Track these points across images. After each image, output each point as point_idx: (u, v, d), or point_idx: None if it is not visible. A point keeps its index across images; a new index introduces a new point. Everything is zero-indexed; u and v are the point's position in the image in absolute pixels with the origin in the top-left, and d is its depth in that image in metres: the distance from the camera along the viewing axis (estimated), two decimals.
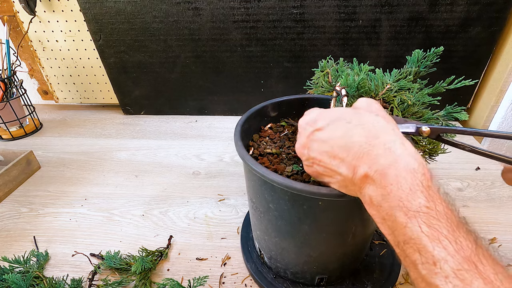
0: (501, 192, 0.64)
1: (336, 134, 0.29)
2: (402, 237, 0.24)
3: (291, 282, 0.46)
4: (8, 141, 0.91)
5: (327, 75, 0.42)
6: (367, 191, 0.27)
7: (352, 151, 0.27)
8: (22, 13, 0.88)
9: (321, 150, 0.30)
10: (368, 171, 0.26)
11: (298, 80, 0.89)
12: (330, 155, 0.29)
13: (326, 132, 0.30)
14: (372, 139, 0.27)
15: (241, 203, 0.63)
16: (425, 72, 0.40)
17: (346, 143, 0.28)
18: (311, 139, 0.31)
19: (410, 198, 0.24)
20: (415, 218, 0.23)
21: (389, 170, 0.25)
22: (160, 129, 0.94)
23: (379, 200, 0.26)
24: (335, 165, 0.29)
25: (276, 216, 0.38)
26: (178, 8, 0.80)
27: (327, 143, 0.29)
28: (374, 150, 0.27)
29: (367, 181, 0.27)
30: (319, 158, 0.30)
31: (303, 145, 0.32)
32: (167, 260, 0.52)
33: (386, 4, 0.74)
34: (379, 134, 0.27)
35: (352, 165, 0.27)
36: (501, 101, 0.81)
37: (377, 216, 0.26)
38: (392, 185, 0.25)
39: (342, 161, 0.28)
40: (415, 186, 0.24)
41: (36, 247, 0.55)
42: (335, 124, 0.29)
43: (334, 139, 0.29)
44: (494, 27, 0.75)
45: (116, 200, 0.65)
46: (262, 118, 0.47)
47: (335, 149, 0.28)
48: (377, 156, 0.26)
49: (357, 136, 0.28)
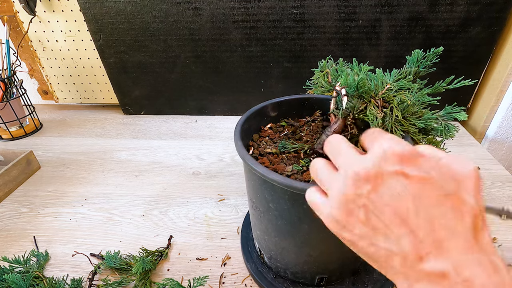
0: (501, 192, 0.64)
1: (426, 199, 0.20)
2: None
3: (291, 282, 0.46)
4: (8, 141, 0.91)
5: (327, 75, 0.42)
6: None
7: (436, 234, 0.19)
8: (22, 13, 0.88)
9: (391, 201, 0.21)
10: (451, 272, 0.18)
11: (298, 80, 0.89)
12: (400, 215, 0.20)
13: (413, 186, 0.20)
14: (476, 231, 0.20)
15: (241, 203, 0.63)
16: (425, 72, 0.40)
17: (432, 220, 0.20)
18: (387, 181, 0.21)
19: None
20: None
21: (476, 280, 0.18)
22: (160, 129, 0.94)
23: None
24: (396, 229, 0.20)
25: (276, 215, 0.38)
26: (178, 8, 0.80)
27: (405, 200, 0.20)
28: (459, 244, 0.19)
29: (438, 280, 0.19)
30: (379, 209, 0.21)
31: (367, 177, 0.22)
32: (167, 260, 0.52)
33: (386, 4, 0.74)
34: (482, 232, 0.20)
35: (424, 248, 0.20)
36: (501, 101, 0.81)
37: None
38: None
39: (412, 233, 0.20)
40: None
41: (36, 247, 0.55)
42: (431, 185, 0.20)
43: (419, 203, 0.20)
44: (494, 27, 0.75)
45: (116, 200, 0.65)
46: (262, 118, 0.47)
47: (412, 214, 0.20)
48: (475, 263, 0.19)
49: (454, 220, 0.20)
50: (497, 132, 0.84)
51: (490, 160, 0.73)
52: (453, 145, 0.78)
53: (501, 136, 0.84)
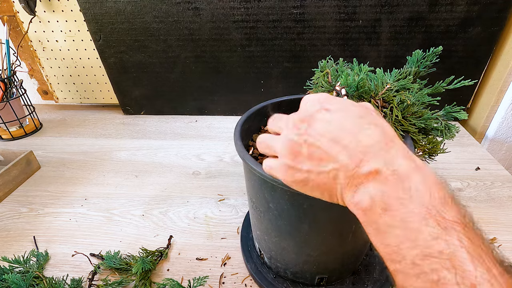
0: (501, 192, 0.64)
1: (346, 121, 0.26)
2: (420, 249, 0.20)
3: (291, 282, 0.46)
4: (8, 141, 0.91)
5: (327, 75, 0.42)
6: (369, 190, 0.23)
7: (361, 143, 0.24)
8: (22, 13, 0.88)
9: (324, 131, 0.26)
10: (382, 168, 0.23)
11: (298, 80, 0.89)
12: (332, 139, 0.25)
13: (335, 115, 0.26)
14: (389, 140, 0.25)
15: (241, 203, 0.63)
16: (425, 72, 0.40)
17: (356, 134, 0.25)
18: (315, 117, 0.27)
19: (443, 208, 0.21)
20: (453, 230, 0.20)
21: (414, 175, 0.22)
22: (160, 129, 0.94)
23: (390, 204, 0.22)
24: (333, 150, 0.25)
25: (276, 215, 0.38)
26: (178, 8, 0.80)
27: (332, 125, 0.26)
28: (391, 151, 0.24)
29: (375, 179, 0.23)
30: (316, 137, 0.26)
31: (302, 119, 0.27)
32: (167, 260, 0.52)
33: (386, 4, 0.74)
34: (396, 140, 0.25)
35: (357, 156, 0.24)
36: (501, 101, 0.81)
37: (377, 222, 0.23)
38: (419, 191, 0.22)
39: (345, 148, 0.24)
40: (447, 198, 0.21)
41: (36, 247, 0.55)
42: (347, 112, 0.26)
43: (342, 125, 0.25)
44: (494, 27, 0.75)
45: (116, 200, 0.65)
46: (262, 118, 0.47)
47: (341, 134, 0.25)
48: (396, 157, 0.23)
49: (371, 132, 0.25)
50: (497, 132, 0.84)
51: (490, 160, 0.73)
52: (453, 145, 0.78)
53: (501, 136, 0.84)
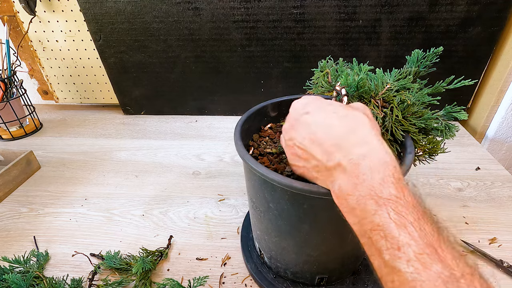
0: (501, 192, 0.64)
1: (321, 120, 0.30)
2: (370, 225, 0.25)
3: (291, 282, 0.46)
4: (8, 141, 0.91)
5: (326, 75, 0.42)
6: (338, 180, 0.28)
7: (330, 139, 0.29)
8: (22, 13, 0.88)
9: (305, 133, 0.31)
10: (342, 160, 0.28)
11: (298, 80, 0.89)
12: (311, 139, 0.30)
13: (312, 117, 0.31)
14: (351, 131, 0.29)
15: (241, 203, 0.63)
16: (425, 72, 0.40)
17: (327, 131, 0.29)
18: (299, 121, 0.32)
19: (381, 188, 0.25)
20: (384, 206, 0.24)
21: (363, 161, 0.27)
22: (160, 129, 0.94)
23: (349, 189, 0.27)
24: (313, 149, 0.30)
25: (276, 215, 0.38)
26: (178, 8, 0.80)
27: (311, 127, 0.30)
28: (351, 141, 0.28)
29: (339, 170, 0.28)
30: (300, 140, 0.31)
31: (291, 125, 0.33)
32: (167, 260, 0.52)
33: (386, 4, 0.74)
34: (359, 128, 0.29)
35: (328, 151, 0.29)
36: (501, 101, 0.81)
37: (345, 205, 0.27)
38: (365, 175, 0.26)
39: (320, 146, 0.29)
40: (386, 177, 0.26)
41: (36, 247, 0.55)
42: (322, 112, 0.31)
43: (318, 125, 0.30)
44: (494, 27, 0.75)
45: (116, 200, 0.65)
46: (262, 118, 0.47)
47: (317, 134, 0.30)
48: (353, 147, 0.28)
49: (338, 126, 0.29)
50: (497, 132, 0.84)
51: (490, 160, 0.73)
52: (453, 145, 0.78)
53: (501, 136, 0.84)
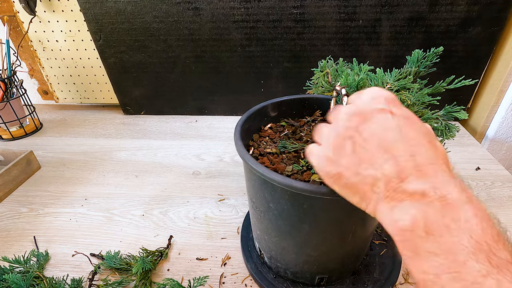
0: (501, 192, 0.64)
1: (409, 132, 0.24)
2: (465, 284, 0.19)
3: (291, 282, 0.46)
4: (8, 141, 0.91)
5: (327, 75, 0.42)
6: (412, 210, 0.22)
7: (414, 160, 0.23)
8: (22, 13, 0.88)
9: (377, 133, 0.24)
10: (429, 191, 0.21)
11: (298, 80, 0.89)
12: (384, 144, 0.24)
13: (398, 121, 0.24)
14: (443, 163, 0.23)
15: (241, 203, 0.63)
16: (425, 72, 0.40)
17: (412, 148, 0.23)
18: (375, 115, 0.25)
19: (496, 246, 0.20)
20: (506, 270, 0.19)
21: (464, 205, 0.21)
22: (160, 129, 0.94)
23: (433, 229, 0.21)
24: (380, 156, 0.23)
25: (276, 215, 0.38)
26: (178, 8, 0.80)
27: (390, 131, 0.24)
28: (444, 175, 0.22)
29: (419, 200, 0.22)
30: (365, 137, 0.24)
31: (357, 113, 0.25)
32: (167, 260, 0.52)
33: (386, 4, 0.74)
34: (449, 165, 0.24)
35: (405, 171, 0.22)
36: (501, 101, 0.81)
37: (416, 245, 0.21)
38: (469, 223, 0.20)
39: (394, 158, 0.23)
40: (499, 236, 0.20)
41: (36, 247, 0.55)
42: (412, 123, 0.25)
43: (402, 134, 0.24)
44: (494, 27, 0.75)
45: (116, 200, 0.65)
46: (262, 118, 0.47)
47: (396, 142, 0.23)
48: (447, 184, 0.22)
49: (427, 150, 0.23)
50: (497, 132, 0.84)
51: (490, 160, 0.73)
52: (453, 145, 0.78)
53: (501, 136, 0.84)
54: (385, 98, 0.26)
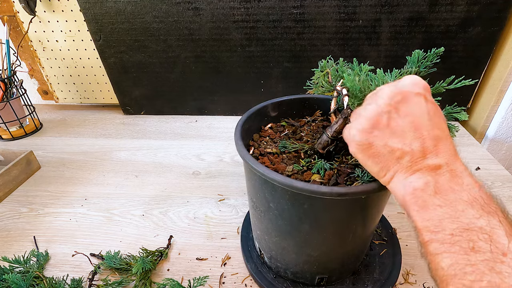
0: (501, 192, 0.64)
1: (435, 116, 0.28)
2: (461, 225, 0.24)
3: (291, 282, 0.46)
4: (8, 141, 0.91)
5: (327, 75, 0.42)
6: (427, 177, 0.27)
7: (435, 139, 0.27)
8: (22, 13, 0.88)
9: (411, 113, 0.28)
10: (443, 164, 0.27)
11: (298, 80, 0.89)
12: (415, 124, 0.28)
13: (429, 106, 0.28)
14: (451, 143, 0.28)
15: (241, 203, 0.63)
16: (425, 72, 0.40)
17: (434, 129, 0.28)
18: (412, 98, 0.28)
19: (489, 201, 0.25)
20: (495, 214, 0.24)
21: (466, 176, 0.27)
22: (160, 129, 0.94)
23: (442, 189, 0.26)
24: (411, 134, 0.28)
25: (277, 215, 0.38)
26: (178, 8, 0.80)
27: (422, 113, 0.28)
28: (452, 152, 0.28)
29: (434, 170, 0.27)
30: (401, 115, 0.28)
31: (399, 92, 0.28)
32: (167, 260, 0.52)
33: (386, 4, 0.74)
34: (454, 144, 0.29)
35: (428, 148, 0.27)
36: (501, 101, 0.81)
37: (425, 200, 0.26)
38: (469, 185, 0.26)
39: (421, 137, 0.27)
40: (490, 195, 0.26)
41: (36, 247, 0.55)
42: (437, 109, 0.29)
43: (430, 117, 0.28)
44: (494, 27, 0.75)
45: (116, 200, 0.65)
46: (262, 118, 0.47)
47: (425, 123, 0.28)
48: (455, 160, 0.27)
49: (444, 132, 0.28)
50: (497, 132, 0.84)
51: (490, 160, 0.73)
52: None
53: (501, 136, 0.84)
54: (423, 85, 0.29)
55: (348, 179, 0.36)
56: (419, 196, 0.27)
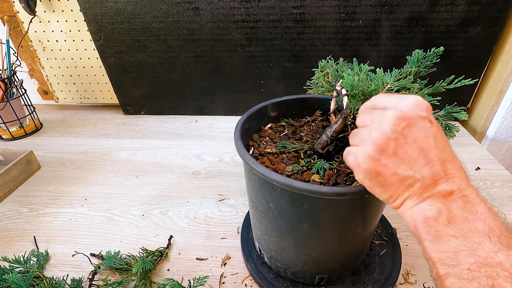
0: (501, 192, 0.64)
1: (441, 141, 0.27)
2: (478, 259, 0.23)
3: (291, 282, 0.46)
4: (8, 141, 0.91)
5: (327, 75, 0.42)
6: (439, 204, 0.26)
7: (445, 165, 0.27)
8: (22, 13, 0.88)
9: (418, 138, 0.27)
10: (455, 190, 0.26)
11: (298, 80, 0.89)
12: (423, 149, 0.27)
13: (434, 130, 0.27)
14: (462, 169, 0.28)
15: (241, 203, 0.63)
16: (425, 72, 0.40)
17: (442, 155, 0.27)
18: (417, 122, 0.27)
19: (506, 232, 0.25)
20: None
21: (480, 203, 0.26)
22: (160, 129, 0.94)
23: (455, 218, 0.25)
24: (419, 160, 0.27)
25: (276, 215, 0.38)
26: (178, 8, 0.80)
27: (428, 138, 0.27)
28: (463, 178, 0.27)
29: (446, 197, 0.26)
30: (408, 141, 0.27)
31: (403, 118, 0.27)
32: (167, 260, 0.52)
33: (386, 4, 0.74)
34: (464, 171, 0.28)
35: (438, 174, 0.27)
36: (501, 101, 0.81)
37: (438, 230, 0.26)
38: (484, 214, 0.25)
39: (430, 163, 0.27)
40: (506, 225, 0.25)
41: (36, 247, 0.55)
42: (441, 133, 0.28)
43: (437, 142, 0.27)
44: (494, 27, 0.75)
45: (116, 200, 0.65)
46: (262, 118, 0.47)
47: (432, 149, 0.27)
48: (467, 186, 0.27)
49: (452, 158, 0.28)
50: (497, 132, 0.84)
51: (490, 160, 0.73)
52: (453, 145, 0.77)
53: (501, 136, 0.84)
54: (426, 106, 0.28)
55: (348, 179, 0.36)
56: (432, 226, 0.26)
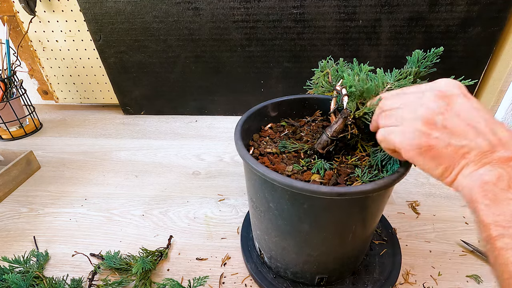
0: None
1: (482, 113, 0.28)
2: None
3: (291, 282, 0.46)
4: (8, 141, 0.91)
5: (327, 75, 0.42)
6: (499, 169, 0.26)
7: (497, 135, 0.27)
8: (22, 13, 0.88)
9: (461, 113, 0.28)
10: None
11: (298, 80, 0.89)
12: (468, 122, 0.28)
13: (473, 103, 0.29)
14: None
15: (241, 203, 0.63)
16: (425, 72, 0.40)
17: (491, 126, 0.28)
18: (455, 99, 0.29)
19: None
20: None
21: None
22: (160, 129, 0.94)
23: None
24: (471, 132, 0.28)
25: (276, 215, 0.38)
26: (178, 8, 0.80)
27: (469, 111, 0.28)
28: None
29: (505, 162, 0.27)
30: (453, 116, 0.28)
31: (443, 96, 0.29)
32: (167, 260, 0.52)
33: (386, 4, 0.74)
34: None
35: (494, 143, 0.27)
36: (501, 101, 0.81)
37: (496, 194, 0.26)
38: None
39: (481, 134, 0.27)
40: None
41: (36, 247, 0.55)
42: (480, 106, 0.29)
43: (480, 114, 0.28)
44: (494, 27, 0.75)
45: (116, 200, 0.65)
46: (262, 118, 0.47)
47: (479, 121, 0.28)
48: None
49: (502, 129, 0.28)
50: None
51: None
52: None
53: None
54: (459, 84, 0.30)
55: (348, 179, 0.36)
56: (490, 190, 0.26)
